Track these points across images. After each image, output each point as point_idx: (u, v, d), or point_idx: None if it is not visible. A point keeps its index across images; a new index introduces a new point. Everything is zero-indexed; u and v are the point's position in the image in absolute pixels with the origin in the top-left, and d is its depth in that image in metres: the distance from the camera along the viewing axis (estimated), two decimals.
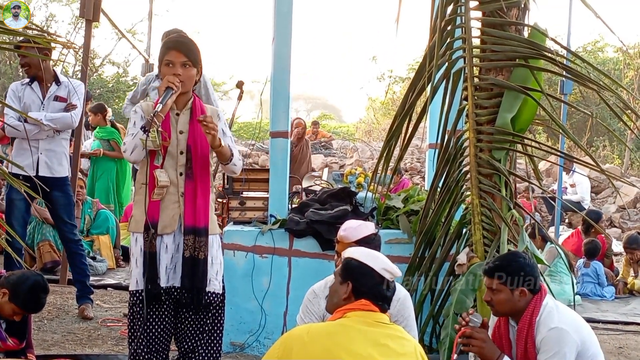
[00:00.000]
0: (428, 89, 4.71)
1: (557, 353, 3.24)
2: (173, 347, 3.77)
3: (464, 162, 4.67)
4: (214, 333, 3.70)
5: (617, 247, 10.09)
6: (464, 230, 4.73)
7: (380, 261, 2.90)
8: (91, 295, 5.83)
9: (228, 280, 4.09)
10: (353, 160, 16.46)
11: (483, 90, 4.60)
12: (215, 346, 3.71)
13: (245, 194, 5.51)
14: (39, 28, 4.77)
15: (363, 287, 2.81)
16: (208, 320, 3.67)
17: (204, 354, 3.67)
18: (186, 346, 3.67)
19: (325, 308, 2.99)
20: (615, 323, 6.66)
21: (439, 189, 4.82)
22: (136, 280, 3.58)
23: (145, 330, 3.59)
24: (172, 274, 3.59)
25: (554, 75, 8.10)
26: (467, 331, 3.42)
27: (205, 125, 3.46)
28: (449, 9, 4.66)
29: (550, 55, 4.43)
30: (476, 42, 4.63)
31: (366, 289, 2.81)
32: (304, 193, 6.15)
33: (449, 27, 4.66)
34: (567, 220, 12.43)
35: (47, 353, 4.68)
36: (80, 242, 5.76)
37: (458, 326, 3.50)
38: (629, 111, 4.57)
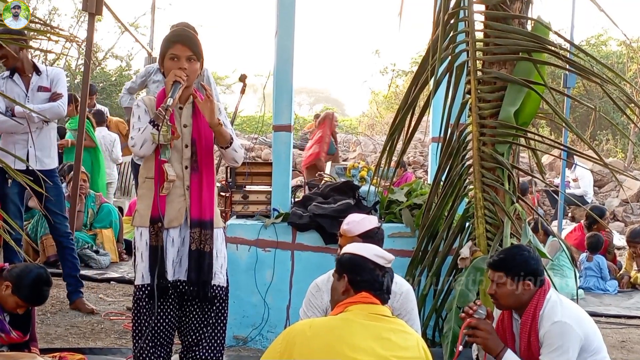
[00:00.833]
0: (431, 82, 4.71)
1: (561, 347, 3.24)
2: (176, 340, 3.77)
3: (467, 156, 4.67)
4: (218, 326, 3.71)
5: (620, 241, 10.08)
6: (467, 224, 4.73)
7: (371, 249, 2.92)
8: (82, 288, 5.79)
9: (231, 274, 4.09)
10: (356, 154, 16.47)
11: (486, 84, 4.59)
12: (219, 339, 3.72)
13: (248, 188, 5.51)
14: (42, 21, 4.75)
15: (358, 277, 2.82)
16: (212, 313, 3.68)
17: (207, 347, 3.68)
18: (190, 339, 3.68)
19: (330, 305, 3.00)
20: (618, 317, 6.65)
21: (442, 183, 4.82)
22: (142, 275, 3.58)
23: (151, 324, 3.60)
24: (177, 268, 3.59)
25: (557, 68, 8.07)
26: (473, 322, 3.43)
27: (206, 98, 3.49)
28: (452, 2, 4.65)
29: (553, 48, 4.42)
30: (479, 35, 4.63)
31: (362, 278, 2.82)
32: (306, 187, 6.15)
33: (452, 21, 4.65)
34: (569, 215, 12.42)
35: (51, 346, 4.69)
36: (70, 235, 5.72)
37: (463, 315, 3.50)
38: (632, 105, 4.55)
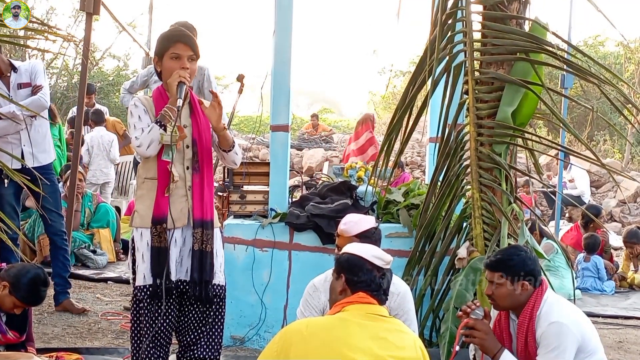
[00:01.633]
0: (429, 82, 4.71)
1: (557, 347, 3.24)
2: (173, 340, 3.77)
3: (464, 156, 4.67)
4: (216, 325, 3.70)
5: (617, 241, 10.09)
6: (465, 224, 4.73)
7: (370, 249, 2.92)
8: (69, 289, 5.75)
9: (228, 273, 4.09)
10: None
11: (484, 84, 4.59)
12: (217, 338, 3.71)
13: (245, 188, 5.50)
14: (39, 21, 4.74)
15: (355, 277, 2.83)
16: (211, 312, 3.67)
17: (205, 346, 3.68)
18: (188, 339, 3.67)
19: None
20: (615, 317, 6.66)
21: (439, 183, 4.82)
22: (143, 276, 3.55)
23: (152, 325, 3.58)
24: (179, 268, 3.58)
25: (555, 69, 8.07)
26: (470, 322, 3.43)
27: (213, 104, 3.53)
28: (450, 2, 4.65)
29: (551, 49, 4.42)
30: (477, 35, 4.63)
31: (359, 279, 2.82)
32: (304, 187, 6.15)
33: (449, 21, 4.66)
34: (567, 215, 12.43)
35: (48, 346, 4.69)
36: (65, 234, 5.66)
37: (461, 313, 3.50)
38: (630, 105, 4.55)
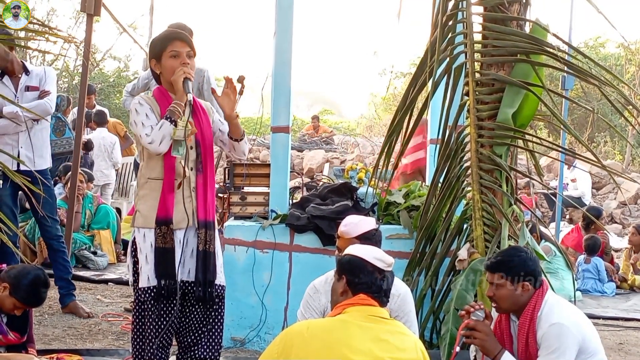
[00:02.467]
0: (429, 84, 4.71)
1: (558, 349, 3.24)
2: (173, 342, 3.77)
3: (465, 158, 4.66)
4: (216, 325, 3.70)
5: (619, 243, 10.09)
6: (465, 226, 4.73)
7: (371, 251, 2.92)
8: (74, 291, 5.75)
9: (229, 275, 4.09)
10: (354, 155, 16.45)
11: (484, 86, 4.59)
12: (217, 339, 3.71)
13: (246, 189, 5.50)
14: (40, 22, 4.74)
15: (356, 279, 2.83)
16: (211, 313, 3.67)
17: (206, 347, 3.68)
18: (189, 339, 3.67)
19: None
20: (616, 319, 6.66)
21: (439, 185, 4.82)
22: (147, 277, 3.55)
23: (155, 327, 3.58)
24: (181, 269, 3.58)
25: (556, 70, 8.08)
26: (471, 323, 3.42)
27: (228, 90, 3.57)
28: (451, 3, 4.65)
29: (551, 50, 4.42)
30: (477, 37, 4.62)
31: (360, 280, 2.82)
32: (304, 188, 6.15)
33: (450, 22, 4.65)
34: (567, 216, 12.43)
35: (48, 347, 4.69)
36: (61, 238, 5.65)
37: (463, 313, 3.50)
38: (631, 107, 4.54)
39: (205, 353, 3.68)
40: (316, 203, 5.28)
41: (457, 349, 3.44)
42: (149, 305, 3.56)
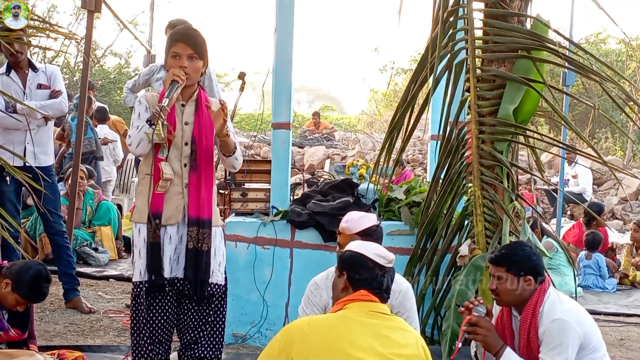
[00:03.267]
0: (430, 80, 4.71)
1: (560, 344, 3.24)
2: (175, 338, 3.78)
3: (466, 154, 4.67)
4: (216, 324, 3.71)
5: (620, 239, 10.09)
6: (466, 222, 4.73)
7: (373, 247, 2.92)
8: (78, 286, 5.77)
9: (230, 271, 4.09)
10: (355, 151, 16.45)
11: (485, 82, 4.59)
12: (218, 337, 3.72)
13: (247, 186, 5.51)
14: (40, 19, 4.74)
15: (357, 275, 2.83)
16: (210, 311, 3.68)
17: (206, 345, 3.68)
18: (189, 337, 3.68)
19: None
20: (617, 315, 6.66)
21: (440, 181, 4.82)
22: (139, 272, 3.58)
23: (149, 322, 3.60)
24: (175, 265, 3.59)
25: (556, 66, 8.08)
26: (473, 319, 3.43)
27: (220, 111, 3.52)
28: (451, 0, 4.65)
29: (552, 46, 4.42)
30: (478, 33, 4.63)
31: (361, 277, 2.82)
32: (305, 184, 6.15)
33: (451, 18, 4.65)
34: (568, 212, 12.43)
35: (50, 344, 4.69)
36: (65, 233, 5.67)
37: (463, 309, 3.50)
38: (632, 103, 4.55)
39: (205, 352, 3.68)
40: (317, 199, 5.28)
41: (459, 344, 3.45)
42: (142, 300, 3.59)
